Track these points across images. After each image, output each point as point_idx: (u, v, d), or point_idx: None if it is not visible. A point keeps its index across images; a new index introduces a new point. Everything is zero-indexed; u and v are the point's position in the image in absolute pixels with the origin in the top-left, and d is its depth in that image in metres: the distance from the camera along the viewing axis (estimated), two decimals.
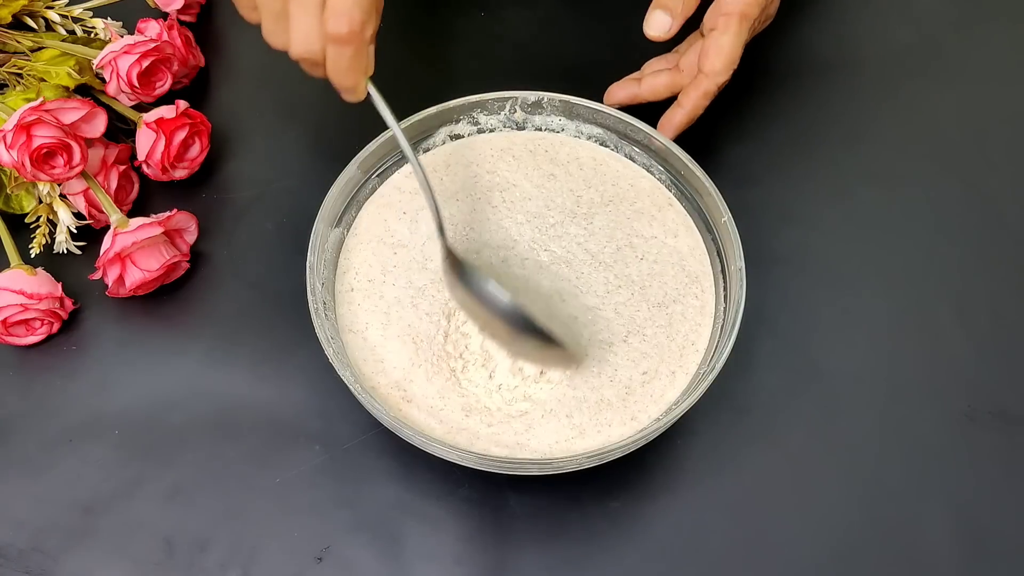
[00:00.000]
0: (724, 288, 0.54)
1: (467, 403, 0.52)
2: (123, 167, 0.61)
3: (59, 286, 0.57)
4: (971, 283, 0.61)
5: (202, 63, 0.68)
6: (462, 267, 0.52)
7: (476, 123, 0.60)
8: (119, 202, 0.60)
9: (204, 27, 0.71)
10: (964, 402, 0.57)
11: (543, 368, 0.52)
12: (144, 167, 0.61)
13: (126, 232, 0.56)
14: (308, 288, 0.52)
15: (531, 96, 0.59)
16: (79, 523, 0.53)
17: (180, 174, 0.62)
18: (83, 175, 0.58)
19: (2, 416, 0.56)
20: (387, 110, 0.51)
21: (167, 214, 0.58)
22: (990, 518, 0.54)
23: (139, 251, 0.57)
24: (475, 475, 0.52)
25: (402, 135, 0.51)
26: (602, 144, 0.60)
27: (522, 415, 0.51)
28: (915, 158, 0.66)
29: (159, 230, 0.57)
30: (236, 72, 0.70)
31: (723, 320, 0.53)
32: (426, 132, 0.59)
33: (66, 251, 0.60)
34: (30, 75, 0.61)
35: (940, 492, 0.54)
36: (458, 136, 0.60)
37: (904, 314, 0.60)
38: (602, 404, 0.52)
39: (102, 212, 0.60)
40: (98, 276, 0.57)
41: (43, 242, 0.59)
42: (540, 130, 0.60)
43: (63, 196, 0.60)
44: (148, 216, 0.58)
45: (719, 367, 0.50)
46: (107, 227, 0.58)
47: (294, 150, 0.66)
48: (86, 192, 0.59)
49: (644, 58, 0.63)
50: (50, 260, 0.60)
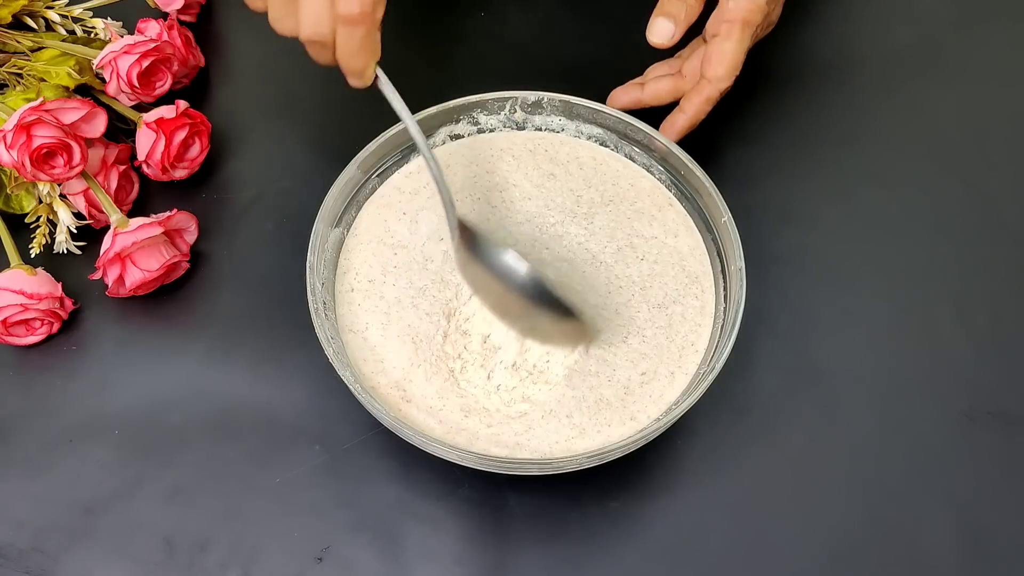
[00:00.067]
0: (724, 288, 0.54)
1: (466, 403, 0.52)
2: (123, 167, 0.61)
3: (59, 286, 0.57)
4: (971, 283, 0.61)
5: (202, 63, 0.68)
6: (476, 240, 0.52)
7: (476, 123, 0.60)
8: (119, 202, 0.60)
9: (204, 27, 0.71)
10: (964, 402, 0.57)
11: (554, 346, 0.52)
12: (144, 167, 0.61)
13: (126, 232, 0.56)
14: (308, 288, 0.52)
15: (531, 96, 0.59)
16: (79, 523, 0.53)
17: (180, 174, 0.62)
18: (83, 175, 0.58)
19: (2, 416, 0.56)
20: (394, 93, 0.50)
21: (167, 214, 0.58)
22: (990, 518, 0.54)
23: (139, 251, 0.57)
24: (475, 475, 0.52)
25: (409, 115, 0.51)
26: (602, 144, 0.60)
27: (522, 416, 0.51)
28: (915, 158, 0.66)
29: (159, 230, 0.57)
30: (236, 72, 0.70)
31: (723, 320, 0.53)
32: (426, 132, 0.58)
33: (66, 251, 0.60)
34: (30, 75, 0.61)
35: (940, 492, 0.54)
36: (458, 136, 0.60)
37: (904, 314, 0.60)
38: (601, 404, 0.52)
39: (102, 212, 0.60)
40: (98, 276, 0.57)
41: (43, 242, 0.59)
42: (540, 130, 0.60)
43: (63, 196, 0.60)
44: (148, 216, 0.58)
45: (719, 367, 0.50)
46: (107, 227, 0.58)
47: (294, 150, 0.66)
48: (86, 192, 0.59)
49: (644, 59, 0.63)
50: (50, 260, 0.60)
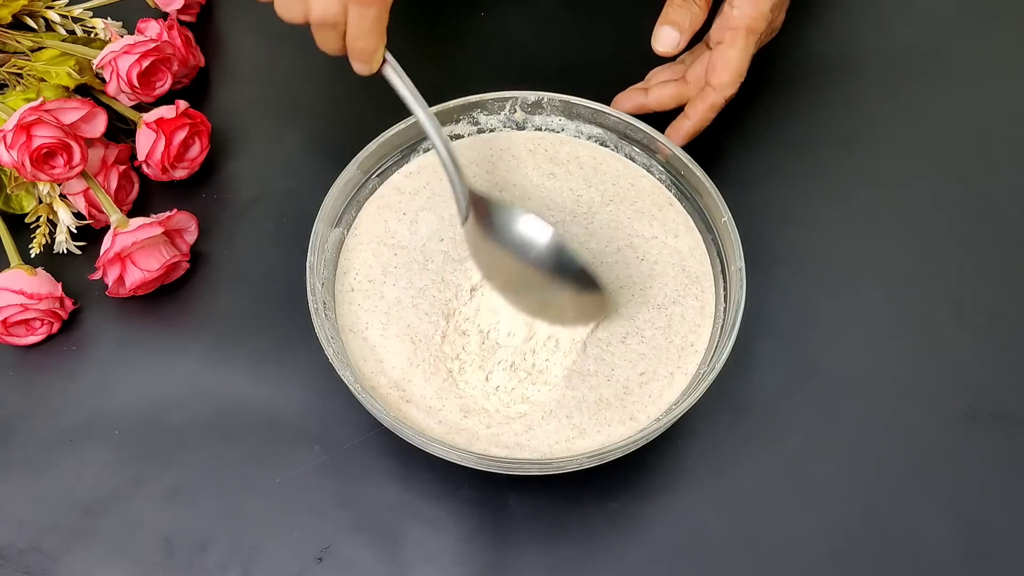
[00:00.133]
0: (724, 288, 0.54)
1: (465, 404, 0.52)
2: (123, 167, 0.61)
3: (59, 286, 0.57)
4: (971, 283, 0.61)
5: (202, 63, 0.68)
6: (491, 211, 0.52)
7: (476, 123, 0.60)
8: (119, 202, 0.60)
9: (204, 27, 0.71)
10: (964, 402, 0.57)
11: (566, 324, 0.53)
12: (144, 167, 0.61)
13: (126, 232, 0.56)
14: (308, 288, 0.52)
15: (531, 96, 0.59)
16: (79, 523, 0.53)
17: (180, 174, 0.62)
18: (83, 175, 0.58)
19: (2, 416, 0.56)
20: (403, 75, 0.50)
21: (167, 214, 0.58)
22: (990, 518, 0.54)
23: (139, 251, 0.57)
24: (475, 475, 0.52)
25: (419, 97, 0.51)
26: (602, 144, 0.60)
27: (521, 416, 0.51)
28: (915, 158, 0.66)
29: (159, 230, 0.57)
30: (236, 72, 0.70)
31: (723, 320, 0.53)
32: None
33: (66, 251, 0.60)
34: (30, 75, 0.61)
35: (940, 492, 0.54)
36: (458, 136, 0.60)
37: (904, 314, 0.60)
38: (601, 404, 0.52)
39: (102, 212, 0.60)
40: (98, 276, 0.57)
41: (43, 242, 0.59)
42: (540, 130, 0.60)
43: (63, 196, 0.60)
44: (148, 216, 0.58)
45: (719, 367, 0.50)
46: (107, 227, 0.58)
47: (294, 150, 0.66)
48: (86, 192, 0.59)
49: (644, 59, 0.63)
50: (50, 260, 0.60)
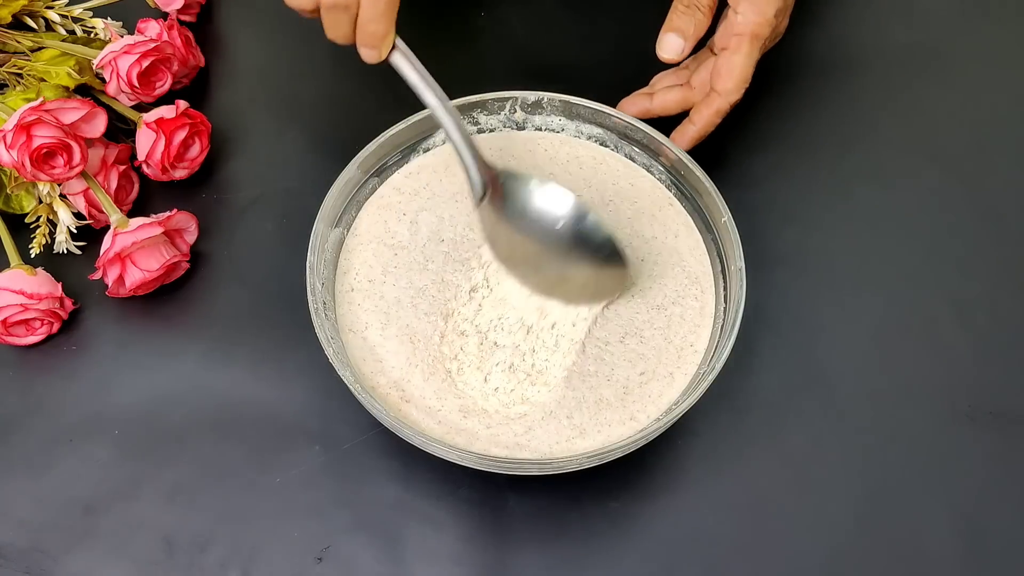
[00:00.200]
0: (724, 288, 0.54)
1: (464, 404, 0.52)
2: (123, 167, 0.61)
3: (59, 286, 0.57)
4: (971, 283, 0.61)
5: (202, 63, 0.68)
6: (508, 187, 0.52)
7: (476, 123, 0.60)
8: (119, 202, 0.60)
9: (204, 27, 0.71)
10: (964, 402, 0.57)
11: (586, 299, 0.53)
12: (144, 167, 0.61)
13: (126, 232, 0.56)
14: (308, 288, 0.52)
15: (531, 96, 0.59)
16: (79, 523, 0.53)
17: (180, 174, 0.62)
18: (83, 175, 0.58)
19: (2, 416, 0.56)
20: (413, 59, 0.51)
21: (167, 214, 0.58)
22: (990, 518, 0.54)
23: (139, 251, 0.57)
24: (475, 475, 0.52)
25: (428, 78, 0.51)
26: (602, 144, 0.60)
27: (521, 417, 0.51)
28: (915, 158, 0.66)
29: (159, 230, 0.57)
30: (236, 72, 0.70)
31: (723, 320, 0.53)
32: (426, 132, 0.59)
33: (66, 251, 0.60)
34: (30, 75, 0.61)
35: (940, 492, 0.54)
36: None
37: (904, 314, 0.60)
38: (601, 404, 0.52)
39: (102, 212, 0.60)
40: (98, 276, 0.57)
41: (43, 242, 0.59)
42: (540, 130, 0.60)
43: (63, 196, 0.60)
44: (148, 216, 0.58)
45: (719, 367, 0.50)
46: (107, 227, 0.57)
47: (294, 150, 0.66)
48: (86, 192, 0.59)
49: (644, 59, 0.63)
50: (50, 260, 0.60)
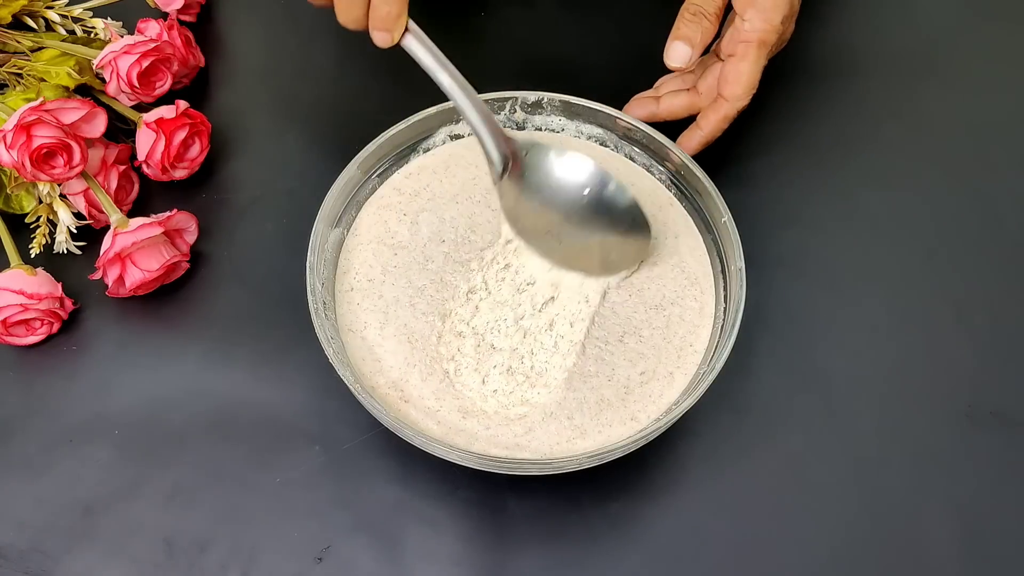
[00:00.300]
0: (724, 288, 0.54)
1: (463, 405, 0.52)
2: (123, 167, 0.61)
3: (59, 286, 0.57)
4: (971, 284, 0.61)
5: (202, 63, 0.68)
6: (529, 159, 0.53)
7: None
8: (119, 202, 0.60)
9: (204, 27, 0.71)
10: (964, 402, 0.57)
11: (607, 270, 0.54)
12: (144, 167, 0.61)
13: (126, 232, 0.56)
14: (308, 288, 0.52)
15: (531, 96, 0.59)
16: (79, 523, 0.53)
17: (180, 174, 0.62)
18: (83, 175, 0.58)
19: (2, 416, 0.56)
20: (426, 41, 0.51)
21: (167, 214, 0.58)
22: (990, 518, 0.54)
23: (139, 251, 0.57)
24: (475, 476, 0.52)
25: (443, 60, 0.51)
26: (602, 144, 0.60)
27: (521, 418, 0.51)
28: (916, 160, 0.66)
29: (159, 230, 0.57)
30: (236, 72, 0.70)
31: (723, 320, 0.53)
32: (426, 132, 0.59)
33: (66, 251, 0.60)
34: (30, 75, 0.61)
35: (940, 492, 0.54)
36: (458, 136, 0.60)
37: (904, 314, 0.60)
38: (602, 404, 0.52)
39: (102, 212, 0.60)
40: (98, 276, 0.57)
41: (43, 242, 0.59)
42: (540, 130, 0.60)
43: (63, 196, 0.60)
44: (148, 216, 0.58)
45: (719, 367, 0.50)
46: (107, 227, 0.58)
47: (294, 150, 0.66)
48: (86, 192, 0.59)
49: (644, 59, 0.63)
50: (50, 260, 0.60)
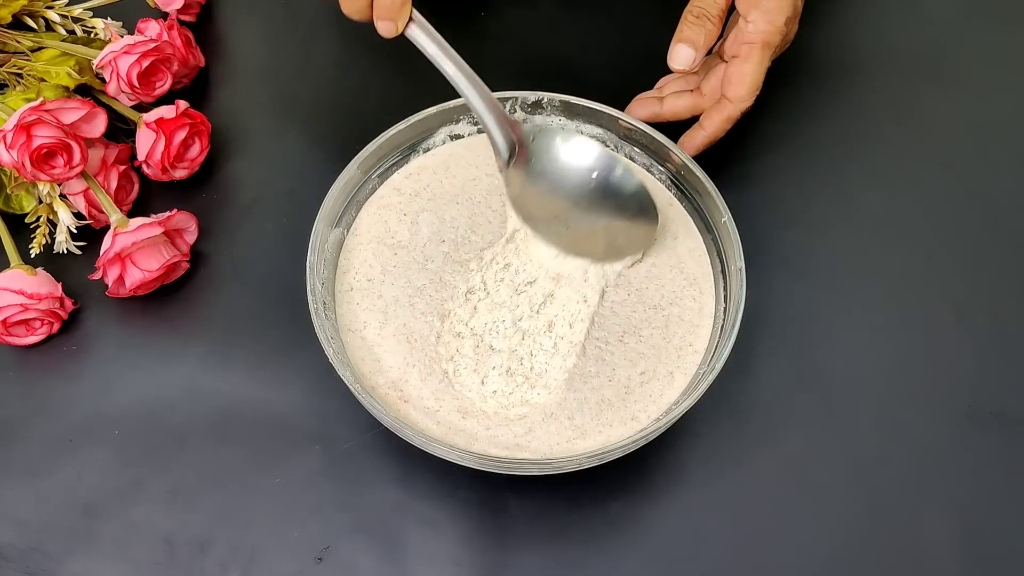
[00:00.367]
0: (724, 288, 0.54)
1: (462, 405, 0.52)
2: (123, 167, 0.61)
3: (59, 286, 0.57)
4: (971, 284, 0.61)
5: (202, 63, 0.68)
6: (536, 144, 0.54)
7: (476, 123, 0.60)
8: (119, 202, 0.60)
9: (204, 27, 0.71)
10: (964, 402, 0.57)
11: (615, 255, 0.54)
12: (144, 167, 0.61)
13: (126, 232, 0.56)
14: (308, 288, 0.52)
15: (531, 96, 0.59)
16: (79, 524, 0.53)
17: (180, 174, 0.62)
18: (83, 175, 0.58)
19: (3, 417, 0.56)
20: (432, 33, 0.51)
21: (167, 214, 0.58)
22: (990, 518, 0.54)
23: (139, 251, 0.57)
24: (475, 477, 0.52)
25: (448, 50, 0.51)
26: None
27: (521, 418, 0.51)
28: (916, 160, 0.66)
29: (159, 230, 0.57)
30: (236, 72, 0.70)
31: (723, 321, 0.53)
32: (426, 132, 0.59)
33: (66, 251, 0.60)
34: (30, 75, 0.61)
35: (940, 492, 0.54)
36: (458, 136, 0.60)
37: (904, 314, 0.60)
38: (603, 404, 0.52)
39: (102, 212, 0.60)
40: (98, 276, 0.57)
41: (43, 242, 0.59)
42: None
43: (63, 196, 0.60)
44: (148, 216, 0.58)
45: (719, 367, 0.50)
46: (107, 227, 0.58)
47: (294, 150, 0.66)
48: (86, 192, 0.59)
49: (643, 59, 0.63)
50: (50, 260, 0.60)
